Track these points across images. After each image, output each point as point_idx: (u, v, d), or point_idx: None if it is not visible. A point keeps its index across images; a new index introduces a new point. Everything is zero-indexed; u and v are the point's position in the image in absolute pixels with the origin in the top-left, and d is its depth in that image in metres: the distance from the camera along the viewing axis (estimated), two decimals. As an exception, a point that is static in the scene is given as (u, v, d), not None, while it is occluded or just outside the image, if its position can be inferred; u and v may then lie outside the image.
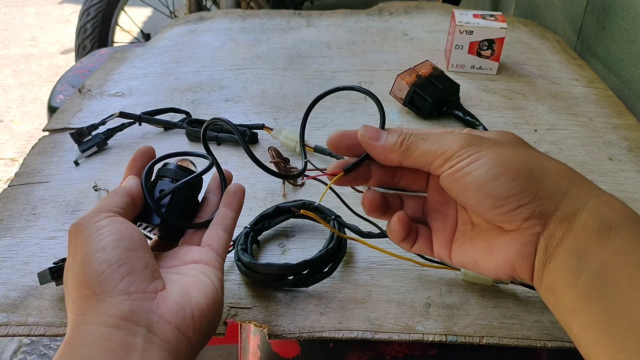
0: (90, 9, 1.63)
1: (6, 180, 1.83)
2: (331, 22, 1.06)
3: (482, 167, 0.31)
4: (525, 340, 0.43)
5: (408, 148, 0.34)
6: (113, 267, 0.33)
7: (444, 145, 0.33)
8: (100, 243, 0.34)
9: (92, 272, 0.32)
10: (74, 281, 0.33)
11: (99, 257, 0.33)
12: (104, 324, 0.31)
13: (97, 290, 0.32)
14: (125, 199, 0.39)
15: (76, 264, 0.34)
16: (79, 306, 0.32)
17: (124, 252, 0.34)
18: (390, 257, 0.50)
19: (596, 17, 0.90)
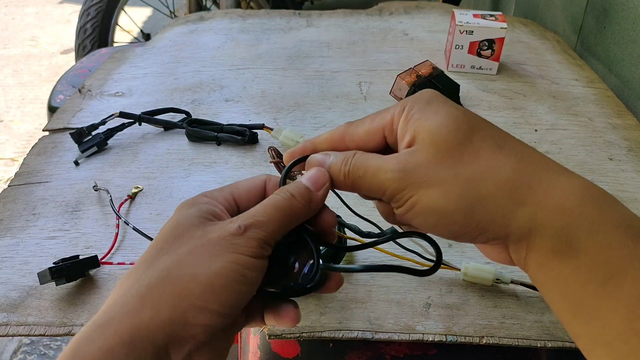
0: (90, 9, 1.63)
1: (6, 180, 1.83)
2: (331, 22, 1.06)
3: (419, 217, 0.30)
4: (525, 340, 0.43)
5: (352, 186, 0.32)
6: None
7: (382, 187, 0.30)
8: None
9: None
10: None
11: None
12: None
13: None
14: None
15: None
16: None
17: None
18: (390, 257, 0.50)
19: (596, 17, 0.90)
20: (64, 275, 0.47)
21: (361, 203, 0.58)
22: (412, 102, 0.31)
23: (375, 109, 0.76)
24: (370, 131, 0.33)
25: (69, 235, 0.54)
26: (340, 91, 0.80)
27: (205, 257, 0.29)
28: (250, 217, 0.30)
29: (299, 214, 0.31)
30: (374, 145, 0.33)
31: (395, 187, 0.30)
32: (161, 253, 0.29)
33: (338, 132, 0.34)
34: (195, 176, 0.63)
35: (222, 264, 0.28)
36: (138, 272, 0.29)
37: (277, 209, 0.31)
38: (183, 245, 0.29)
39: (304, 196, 0.31)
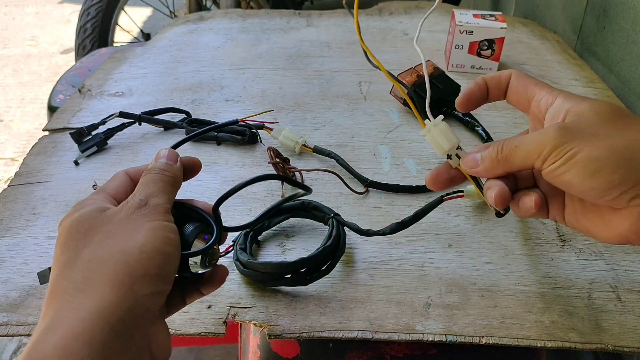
0: (90, 9, 1.63)
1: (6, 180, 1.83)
2: (331, 22, 1.06)
3: (579, 165, 0.32)
4: (525, 340, 0.43)
5: (506, 161, 0.35)
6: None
7: (538, 148, 0.33)
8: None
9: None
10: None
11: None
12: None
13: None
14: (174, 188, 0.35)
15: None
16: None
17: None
18: (390, 257, 0.50)
19: (596, 17, 0.90)
20: (64, 275, 0.47)
21: (360, 203, 0.58)
22: (565, 95, 0.35)
23: (375, 109, 0.76)
24: (526, 89, 0.37)
25: (69, 235, 0.54)
26: (340, 91, 0.80)
27: (126, 233, 0.30)
28: (142, 192, 0.33)
29: (175, 182, 0.35)
30: (519, 99, 0.38)
31: (557, 142, 0.32)
32: (78, 250, 0.30)
33: (506, 72, 0.39)
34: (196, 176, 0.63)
35: (145, 232, 0.30)
36: (65, 274, 0.29)
37: (155, 181, 0.34)
38: (96, 235, 0.30)
39: (169, 169, 0.35)
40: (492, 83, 0.39)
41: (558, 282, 0.48)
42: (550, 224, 0.55)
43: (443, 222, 0.55)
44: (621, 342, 0.43)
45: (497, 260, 0.51)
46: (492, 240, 0.53)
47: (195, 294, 0.36)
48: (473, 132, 0.70)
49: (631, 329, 0.44)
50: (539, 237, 0.53)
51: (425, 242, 0.53)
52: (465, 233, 0.54)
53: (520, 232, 0.54)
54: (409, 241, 0.53)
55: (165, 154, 0.36)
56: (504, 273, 0.49)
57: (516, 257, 0.51)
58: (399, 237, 0.53)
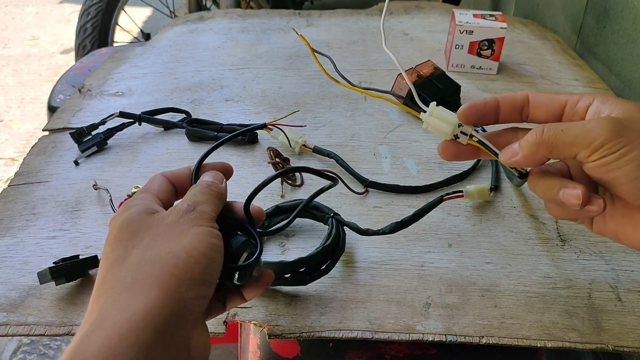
0: (90, 9, 1.63)
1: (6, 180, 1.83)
2: (331, 22, 1.06)
3: (632, 164, 0.30)
4: (525, 340, 0.43)
5: (549, 144, 0.33)
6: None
7: (590, 136, 0.31)
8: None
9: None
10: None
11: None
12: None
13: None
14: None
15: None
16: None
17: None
18: (390, 257, 0.50)
19: (596, 17, 0.90)
20: (64, 274, 0.47)
21: (360, 203, 0.58)
22: (603, 96, 0.34)
23: (376, 109, 0.76)
24: (554, 99, 0.36)
25: (69, 235, 0.54)
26: (340, 91, 0.80)
27: (173, 237, 0.31)
28: (191, 199, 0.34)
29: (220, 197, 0.36)
30: (548, 112, 0.36)
31: (610, 135, 0.30)
32: (128, 249, 0.30)
33: (522, 94, 0.37)
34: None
35: (191, 236, 0.31)
36: (113, 273, 0.30)
37: (203, 193, 0.35)
38: (145, 237, 0.31)
39: (213, 185, 0.37)
40: (505, 102, 0.37)
41: (558, 282, 0.48)
42: (551, 224, 0.55)
43: (443, 222, 0.55)
44: (621, 342, 0.43)
45: (497, 260, 0.51)
46: (492, 240, 0.53)
47: (237, 299, 0.37)
48: (473, 132, 0.70)
49: (631, 329, 0.44)
50: (539, 237, 0.53)
51: (425, 242, 0.53)
52: (465, 233, 0.54)
53: (520, 232, 0.54)
54: (409, 241, 0.53)
55: (212, 175, 0.38)
56: (504, 273, 0.49)
57: (516, 257, 0.51)
58: (399, 237, 0.53)
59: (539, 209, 0.57)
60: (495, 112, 0.38)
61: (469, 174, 0.62)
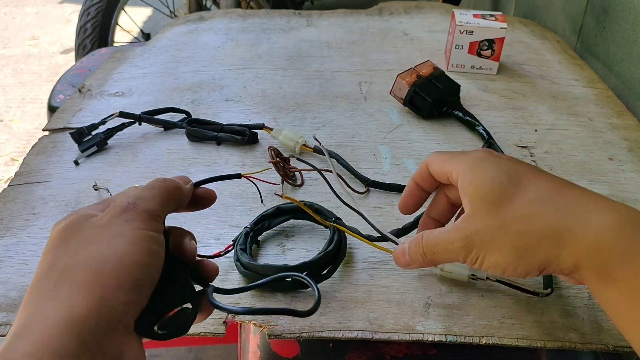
0: (91, 9, 1.63)
1: (6, 180, 1.83)
2: (331, 21, 1.06)
3: (489, 268, 0.36)
4: (525, 340, 0.43)
5: (432, 262, 0.39)
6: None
7: (455, 257, 0.37)
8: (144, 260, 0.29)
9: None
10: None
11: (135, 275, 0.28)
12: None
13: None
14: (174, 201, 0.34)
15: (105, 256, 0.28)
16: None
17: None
18: (390, 257, 0.50)
19: (596, 17, 0.90)
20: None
21: (360, 204, 0.58)
22: (465, 164, 0.38)
23: (376, 109, 0.76)
24: (441, 170, 0.41)
25: (69, 235, 0.54)
26: (340, 91, 0.80)
27: (105, 239, 0.29)
28: (133, 196, 0.31)
29: (173, 194, 0.34)
30: (444, 180, 0.41)
31: (464, 255, 0.36)
32: (57, 257, 0.29)
33: (424, 164, 0.42)
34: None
35: (127, 240, 0.28)
36: (40, 282, 0.28)
37: (153, 188, 0.33)
38: (75, 240, 0.29)
39: (173, 181, 0.35)
40: (419, 179, 0.43)
41: (558, 282, 0.48)
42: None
43: (443, 222, 0.55)
44: (621, 342, 0.43)
45: (497, 260, 0.51)
46: (492, 240, 0.53)
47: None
48: (474, 131, 0.70)
49: (631, 329, 0.44)
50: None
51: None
52: (465, 233, 0.54)
53: (520, 232, 0.54)
54: (409, 241, 0.53)
55: (179, 176, 0.37)
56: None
57: (516, 257, 0.51)
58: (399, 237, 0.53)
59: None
60: (421, 192, 0.44)
61: (469, 174, 0.62)
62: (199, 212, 0.57)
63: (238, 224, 0.55)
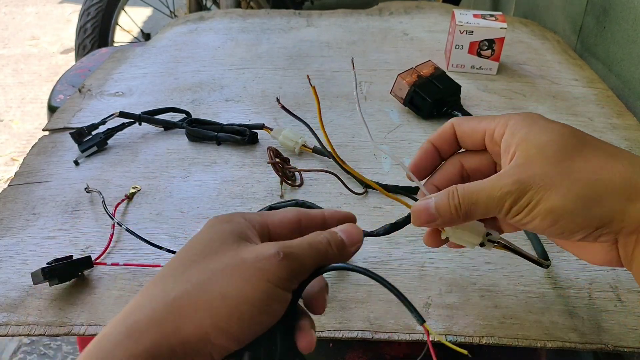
0: (91, 9, 1.63)
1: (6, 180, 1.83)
2: (331, 22, 1.06)
3: (540, 216, 0.32)
4: (525, 340, 0.43)
5: (467, 216, 0.34)
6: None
7: (498, 204, 0.33)
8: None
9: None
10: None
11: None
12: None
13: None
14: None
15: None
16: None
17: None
18: (390, 257, 0.50)
19: (596, 17, 0.90)
20: (57, 275, 0.47)
21: (360, 204, 0.58)
22: (517, 119, 0.35)
23: (376, 109, 0.76)
24: (475, 129, 0.37)
25: (69, 235, 0.54)
26: (340, 91, 0.80)
27: (237, 279, 0.28)
28: (288, 247, 0.30)
29: (329, 259, 0.32)
30: (474, 143, 0.38)
31: (515, 197, 0.32)
32: (192, 265, 0.29)
33: (447, 126, 0.39)
34: (195, 176, 0.63)
35: (253, 290, 0.28)
36: (166, 281, 0.29)
37: (312, 247, 0.31)
38: (216, 261, 0.29)
39: (338, 246, 0.33)
40: (438, 141, 0.39)
41: (558, 282, 0.48)
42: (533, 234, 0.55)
43: (443, 222, 0.55)
44: (621, 342, 0.43)
45: (497, 260, 0.51)
46: (492, 240, 0.53)
47: None
48: (473, 132, 0.70)
49: (631, 329, 0.44)
50: (539, 237, 0.53)
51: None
52: (465, 233, 0.54)
53: (520, 232, 0.54)
54: (409, 241, 0.53)
55: (350, 231, 0.34)
56: (504, 273, 0.49)
57: (516, 257, 0.51)
58: (399, 237, 0.53)
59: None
60: (436, 155, 0.39)
61: (469, 174, 0.62)
62: (199, 212, 0.57)
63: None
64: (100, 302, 0.47)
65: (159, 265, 0.50)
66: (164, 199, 0.59)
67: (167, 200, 0.59)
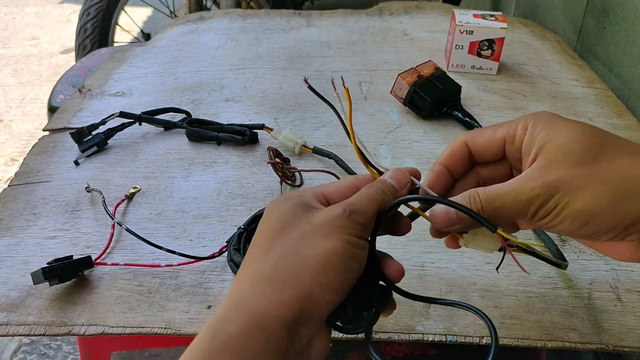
0: (91, 9, 1.63)
1: (6, 180, 1.83)
2: (331, 22, 1.06)
3: (568, 219, 0.32)
4: (525, 340, 0.43)
5: (489, 218, 0.33)
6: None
7: (524, 208, 0.33)
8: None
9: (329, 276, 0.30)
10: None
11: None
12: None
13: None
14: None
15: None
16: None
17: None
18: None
19: (596, 18, 0.90)
20: (57, 275, 0.47)
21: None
22: (535, 121, 0.34)
23: (376, 109, 0.76)
24: (492, 140, 0.36)
25: (69, 235, 0.54)
26: (340, 91, 0.80)
27: (319, 239, 0.31)
28: (351, 204, 0.33)
29: (386, 205, 0.34)
30: (493, 154, 0.37)
31: (543, 200, 0.32)
32: (274, 240, 0.32)
33: (457, 143, 0.38)
34: (195, 176, 0.63)
35: (336, 242, 0.31)
36: (256, 260, 0.32)
37: (370, 199, 0.33)
38: (293, 231, 0.32)
39: (391, 192, 0.35)
40: (449, 161, 0.38)
41: (558, 282, 0.48)
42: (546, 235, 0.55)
43: (443, 222, 0.55)
44: (621, 342, 0.43)
45: (497, 260, 0.51)
46: (492, 240, 0.53)
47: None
48: (473, 132, 0.70)
49: (631, 329, 0.44)
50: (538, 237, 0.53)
51: (425, 242, 0.53)
52: (465, 233, 0.54)
53: (520, 232, 0.54)
54: (409, 241, 0.53)
55: (397, 176, 0.36)
56: (504, 273, 0.49)
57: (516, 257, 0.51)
58: (399, 237, 0.52)
59: (539, 209, 0.57)
60: (449, 176, 0.38)
61: (469, 174, 0.62)
62: (199, 212, 0.57)
63: (238, 224, 0.55)
64: (101, 302, 0.47)
65: (159, 265, 0.50)
66: (164, 199, 0.59)
67: (167, 200, 0.59)
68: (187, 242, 0.53)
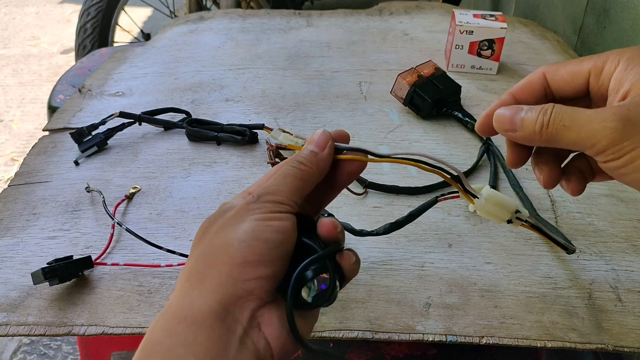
0: (91, 9, 1.63)
1: (6, 180, 1.83)
2: (331, 22, 1.06)
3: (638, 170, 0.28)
4: (525, 340, 0.43)
5: (550, 139, 0.30)
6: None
7: (593, 137, 0.28)
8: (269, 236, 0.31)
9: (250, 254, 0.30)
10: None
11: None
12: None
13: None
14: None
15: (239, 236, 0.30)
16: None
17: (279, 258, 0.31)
18: (390, 257, 0.50)
19: (596, 17, 0.90)
20: (57, 275, 0.47)
21: (360, 204, 0.58)
22: (631, 54, 0.30)
23: (376, 109, 0.76)
24: (576, 72, 0.32)
25: (69, 235, 0.54)
26: (340, 91, 0.80)
27: (231, 227, 0.31)
28: (261, 189, 0.33)
29: (311, 175, 0.34)
30: (574, 88, 0.32)
31: (614, 138, 0.28)
32: (196, 245, 0.32)
33: (536, 75, 0.34)
34: (195, 176, 0.63)
35: (246, 224, 0.31)
36: (184, 268, 0.32)
37: (285, 176, 0.33)
38: (210, 231, 0.32)
39: (311, 160, 0.34)
40: (521, 93, 0.34)
41: (558, 282, 0.48)
42: (550, 225, 0.55)
43: (443, 222, 0.55)
44: (621, 342, 0.43)
45: (497, 260, 0.51)
46: (492, 240, 0.53)
47: None
48: (474, 132, 0.70)
49: (631, 329, 0.44)
50: (539, 237, 0.53)
51: (426, 242, 0.53)
52: (465, 233, 0.54)
53: (520, 232, 0.54)
54: (409, 241, 0.53)
55: (316, 139, 0.35)
56: (504, 273, 0.49)
57: (516, 257, 0.51)
58: (399, 237, 0.53)
59: (539, 208, 0.57)
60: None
61: (468, 174, 0.62)
62: (199, 212, 0.57)
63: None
64: (101, 302, 0.47)
65: (159, 265, 0.50)
66: (164, 199, 0.59)
67: (167, 200, 0.59)
68: (187, 242, 0.53)
